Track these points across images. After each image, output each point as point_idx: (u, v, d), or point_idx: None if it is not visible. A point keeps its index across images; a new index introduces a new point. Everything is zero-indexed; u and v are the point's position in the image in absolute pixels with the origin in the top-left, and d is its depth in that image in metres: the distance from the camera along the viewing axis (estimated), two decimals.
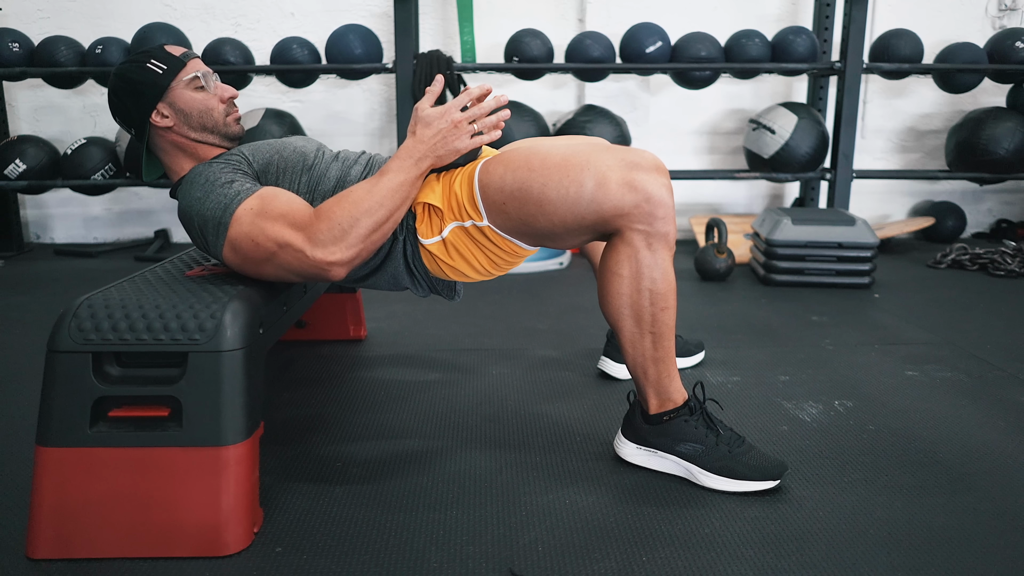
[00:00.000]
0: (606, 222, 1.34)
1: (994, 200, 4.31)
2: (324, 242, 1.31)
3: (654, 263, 1.35)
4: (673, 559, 1.21)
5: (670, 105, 4.13)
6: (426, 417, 1.77)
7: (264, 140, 1.56)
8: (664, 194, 1.33)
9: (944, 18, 4.05)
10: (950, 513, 1.34)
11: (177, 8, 3.91)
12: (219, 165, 1.42)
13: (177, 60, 1.47)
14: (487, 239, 1.44)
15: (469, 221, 1.42)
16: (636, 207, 1.32)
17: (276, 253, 1.33)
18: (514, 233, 1.42)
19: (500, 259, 1.48)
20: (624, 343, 1.43)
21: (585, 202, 1.33)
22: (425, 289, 1.57)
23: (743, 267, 3.40)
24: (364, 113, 4.09)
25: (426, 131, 1.37)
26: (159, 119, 1.46)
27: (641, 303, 1.37)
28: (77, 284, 3.16)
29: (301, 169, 1.50)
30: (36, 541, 1.20)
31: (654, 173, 1.34)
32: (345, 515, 1.34)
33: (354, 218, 1.32)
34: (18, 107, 4.00)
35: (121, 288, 1.33)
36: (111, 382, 1.22)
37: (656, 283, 1.36)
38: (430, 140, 1.36)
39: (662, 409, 1.45)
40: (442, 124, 1.36)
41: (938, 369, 2.07)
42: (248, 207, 1.34)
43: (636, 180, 1.32)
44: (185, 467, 1.20)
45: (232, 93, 1.52)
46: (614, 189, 1.32)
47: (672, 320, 1.40)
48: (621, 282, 1.37)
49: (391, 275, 1.53)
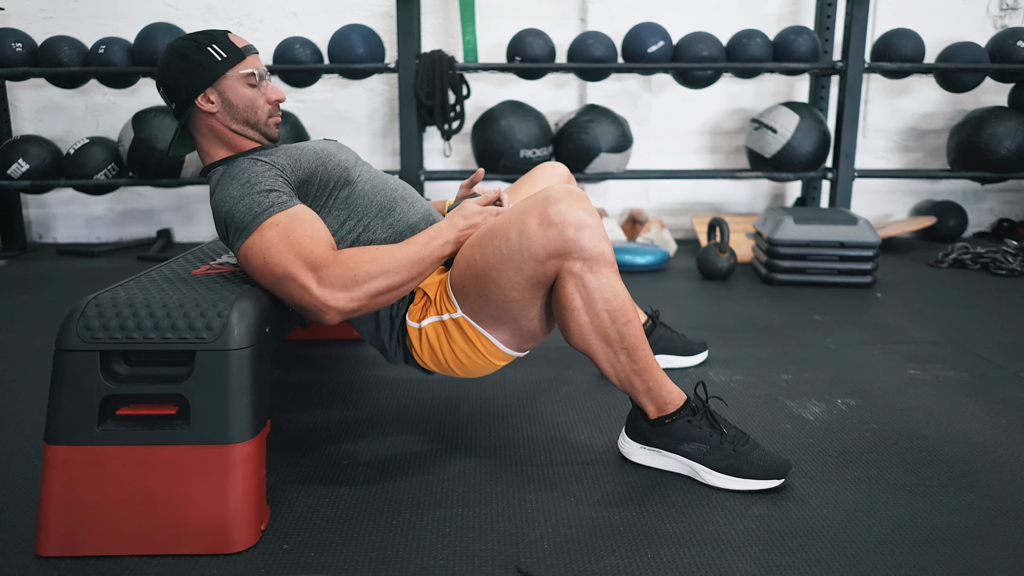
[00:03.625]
0: (545, 266, 1.32)
1: (995, 199, 4.32)
2: (333, 286, 1.31)
3: (600, 284, 1.33)
4: (678, 556, 1.22)
5: (672, 104, 4.14)
6: (431, 416, 1.78)
7: (308, 144, 1.55)
8: (582, 216, 1.31)
9: (945, 17, 4.06)
10: (952, 511, 1.35)
11: (180, 8, 3.91)
12: (263, 167, 1.41)
13: (238, 51, 1.48)
14: (460, 333, 1.44)
15: (447, 314, 1.45)
16: (561, 239, 1.30)
17: (281, 280, 1.32)
18: (483, 318, 1.41)
19: (468, 359, 1.46)
20: (603, 366, 1.42)
21: (516, 253, 1.32)
22: (400, 358, 1.56)
23: (745, 266, 3.41)
24: (366, 113, 4.09)
25: (463, 221, 1.46)
26: (205, 103, 1.46)
27: (603, 325, 1.36)
28: (80, 284, 3.17)
29: (343, 183, 1.51)
30: (45, 539, 1.21)
31: (566, 201, 1.31)
32: (351, 513, 1.35)
33: (371, 274, 1.33)
34: (21, 107, 4.01)
35: (128, 287, 1.33)
36: (119, 380, 1.22)
37: (610, 302, 1.35)
38: (464, 228, 1.46)
39: (662, 414, 1.46)
40: (478, 219, 1.47)
41: (940, 368, 2.08)
42: (275, 222, 1.33)
43: (550, 214, 1.30)
44: (192, 465, 1.21)
45: (280, 96, 1.53)
46: (535, 230, 1.31)
47: (638, 331, 1.39)
48: (578, 314, 1.35)
49: (373, 328, 1.53)
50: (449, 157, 4.01)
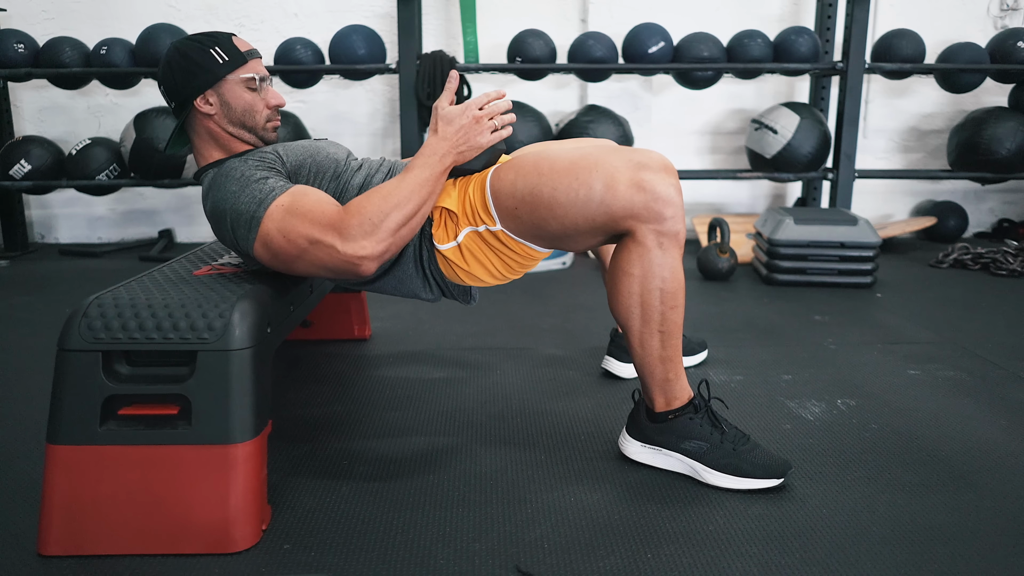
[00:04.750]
0: (617, 223, 1.35)
1: (996, 200, 4.32)
2: (355, 236, 1.32)
3: (664, 262, 1.36)
4: (678, 556, 1.22)
5: (672, 105, 4.14)
6: (431, 415, 1.78)
7: (297, 142, 1.57)
8: (672, 193, 1.34)
9: (946, 18, 4.06)
10: (952, 511, 1.35)
11: (181, 9, 3.92)
12: (253, 162, 1.43)
13: (240, 55, 1.49)
14: (501, 243, 1.45)
15: (483, 226, 1.45)
16: (645, 207, 1.33)
17: (307, 249, 1.33)
18: (527, 236, 1.44)
19: (515, 262, 1.49)
20: (632, 342, 1.44)
21: (595, 204, 1.34)
22: (437, 294, 1.58)
23: (745, 267, 3.41)
24: (367, 113, 4.10)
25: (448, 128, 1.39)
26: (203, 105, 1.47)
27: (651, 302, 1.38)
28: (82, 284, 3.17)
29: (332, 175, 1.52)
30: (47, 538, 1.22)
31: (662, 173, 1.35)
32: (352, 513, 1.35)
33: (384, 212, 1.33)
34: (23, 108, 4.02)
35: (130, 287, 1.34)
36: (121, 380, 1.23)
37: (666, 282, 1.37)
38: (452, 136, 1.39)
39: (668, 408, 1.46)
40: (463, 120, 1.39)
41: (940, 368, 2.08)
42: (280, 204, 1.35)
43: (644, 180, 1.33)
44: (194, 465, 1.21)
45: (280, 101, 1.54)
46: (623, 190, 1.33)
47: (680, 319, 1.41)
48: (632, 281, 1.38)
49: (398, 279, 1.54)
50: None
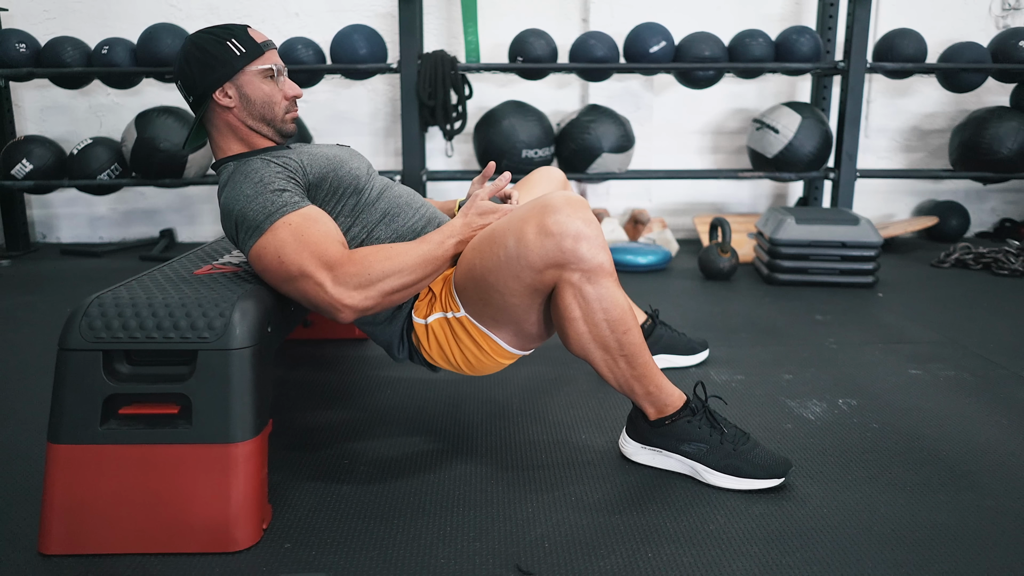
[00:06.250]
0: (542, 276, 1.32)
1: (998, 199, 4.31)
2: (347, 284, 1.31)
3: (600, 294, 1.33)
4: (678, 555, 1.22)
5: (674, 105, 4.14)
6: (432, 416, 1.78)
7: (319, 148, 1.56)
8: (580, 226, 1.29)
9: (948, 17, 4.05)
10: (953, 510, 1.35)
11: (182, 9, 3.92)
12: (275, 167, 1.41)
13: (257, 47, 1.48)
14: (465, 331, 1.45)
15: (451, 312, 1.45)
16: (559, 249, 1.29)
17: (296, 278, 1.32)
18: (484, 319, 1.42)
19: (474, 357, 1.47)
20: (602, 372, 1.42)
21: (514, 261, 1.32)
22: (405, 356, 1.57)
23: (747, 266, 3.41)
24: (368, 113, 4.10)
25: (478, 220, 1.46)
26: (222, 98, 1.46)
27: (602, 335, 1.36)
28: (83, 283, 3.18)
29: (352, 190, 1.52)
30: (48, 537, 1.22)
31: (566, 210, 1.30)
32: (353, 512, 1.35)
33: (384, 273, 1.33)
34: (25, 107, 4.02)
35: (131, 287, 1.34)
36: (121, 380, 1.23)
37: (609, 311, 1.34)
38: (477, 227, 1.45)
39: (662, 415, 1.46)
40: (492, 217, 1.46)
41: (941, 368, 2.08)
42: (288, 222, 1.33)
43: (548, 224, 1.29)
44: (195, 464, 1.21)
45: (297, 92, 1.53)
46: (532, 239, 1.30)
47: (637, 338, 1.39)
48: (577, 324, 1.35)
49: (388, 336, 1.54)
50: (451, 157, 4.01)
